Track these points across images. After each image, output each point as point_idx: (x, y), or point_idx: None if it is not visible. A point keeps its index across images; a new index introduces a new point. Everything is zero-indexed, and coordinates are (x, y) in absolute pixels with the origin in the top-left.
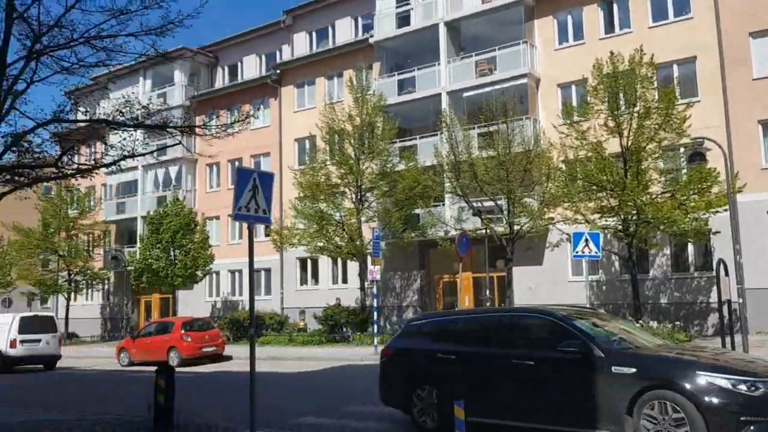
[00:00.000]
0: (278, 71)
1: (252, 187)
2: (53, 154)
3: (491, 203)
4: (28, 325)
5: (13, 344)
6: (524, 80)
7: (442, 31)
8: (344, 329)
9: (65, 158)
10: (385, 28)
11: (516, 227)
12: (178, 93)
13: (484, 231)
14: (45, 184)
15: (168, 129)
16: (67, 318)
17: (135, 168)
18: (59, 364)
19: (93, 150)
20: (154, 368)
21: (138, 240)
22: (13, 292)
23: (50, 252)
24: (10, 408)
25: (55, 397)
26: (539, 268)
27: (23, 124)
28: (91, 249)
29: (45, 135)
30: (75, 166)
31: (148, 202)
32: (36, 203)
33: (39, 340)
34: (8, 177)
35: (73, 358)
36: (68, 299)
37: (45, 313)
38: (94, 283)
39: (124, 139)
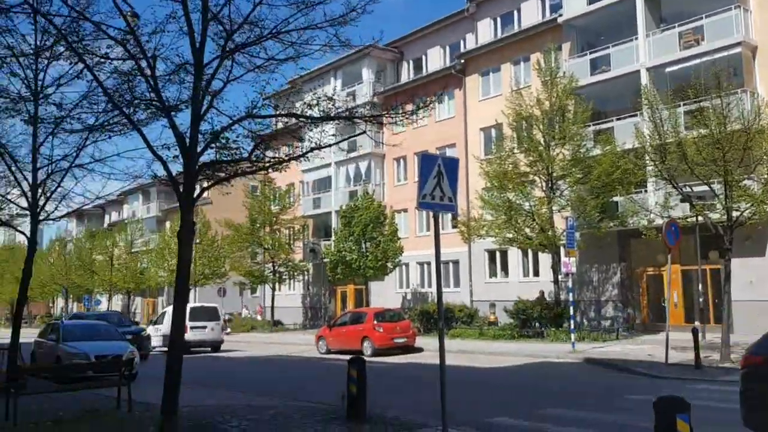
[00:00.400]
0: (462, 61)
1: (437, 174)
2: (248, 150)
3: (703, 187)
4: (197, 314)
5: (186, 330)
6: (738, 49)
7: (640, 3)
8: (537, 324)
9: (257, 152)
10: (574, 5)
11: (735, 213)
12: (366, 90)
13: (694, 219)
14: (251, 183)
15: (354, 120)
16: (273, 307)
17: (328, 165)
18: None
19: (290, 147)
20: (348, 357)
21: (332, 233)
22: (227, 283)
23: (257, 245)
24: (224, 391)
25: (258, 383)
26: (761, 260)
27: (220, 121)
28: (291, 242)
29: (240, 131)
30: (267, 159)
31: (341, 196)
32: (244, 201)
33: (205, 327)
34: (208, 172)
35: (277, 344)
36: (273, 289)
37: (210, 304)
38: (295, 274)
39: (316, 133)
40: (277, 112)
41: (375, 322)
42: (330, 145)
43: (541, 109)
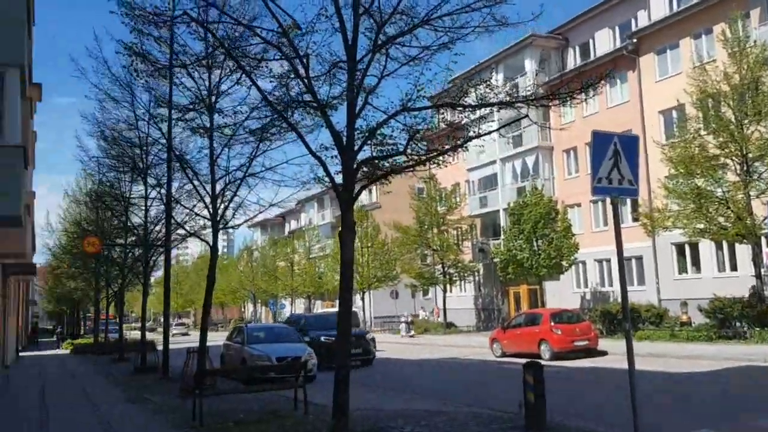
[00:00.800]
0: (635, 40)
1: (613, 154)
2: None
3: None
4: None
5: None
6: None
7: None
8: (738, 324)
9: (413, 145)
10: None
11: None
12: (529, 81)
13: None
14: (417, 185)
15: (516, 104)
16: (444, 308)
17: (493, 162)
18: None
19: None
20: (524, 360)
21: (501, 232)
22: (399, 285)
23: (425, 247)
24: (396, 394)
25: (431, 387)
26: None
27: (374, 117)
28: (460, 243)
29: (396, 126)
30: (423, 153)
31: (508, 193)
32: (410, 203)
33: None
34: (366, 170)
35: (451, 346)
36: (444, 291)
37: (326, 311)
38: (465, 275)
39: (475, 122)
40: (433, 104)
41: (552, 323)
42: (490, 132)
43: (729, 83)
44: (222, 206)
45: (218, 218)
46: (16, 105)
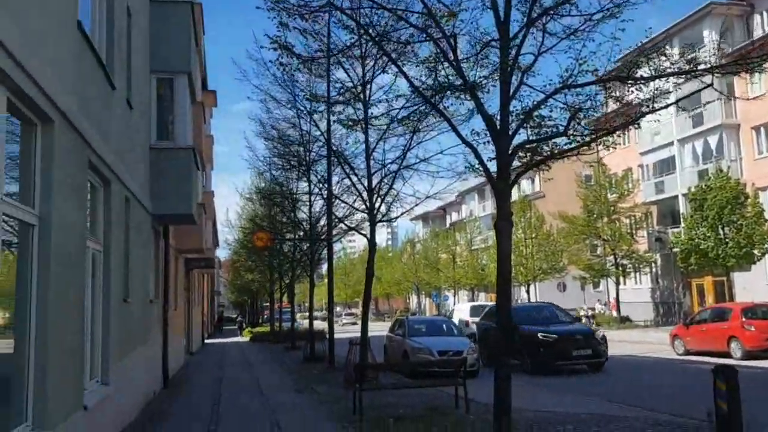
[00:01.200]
0: None
1: None
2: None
3: None
4: (476, 310)
5: (467, 324)
6: None
7: None
8: None
9: (575, 125)
10: None
11: None
12: (709, 52)
13: None
14: (584, 173)
15: (698, 74)
16: (618, 302)
17: (670, 144)
18: None
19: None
20: (711, 359)
21: (681, 219)
22: (566, 277)
23: (595, 237)
24: (562, 393)
25: (606, 387)
26: None
27: (530, 98)
28: (634, 232)
29: (554, 106)
30: (587, 133)
31: (687, 177)
32: (577, 191)
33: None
34: (522, 155)
35: (626, 342)
36: (617, 283)
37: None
38: (640, 266)
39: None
40: (599, 78)
41: (744, 319)
42: (666, 106)
43: None
44: (378, 200)
45: (374, 212)
46: (186, 110)
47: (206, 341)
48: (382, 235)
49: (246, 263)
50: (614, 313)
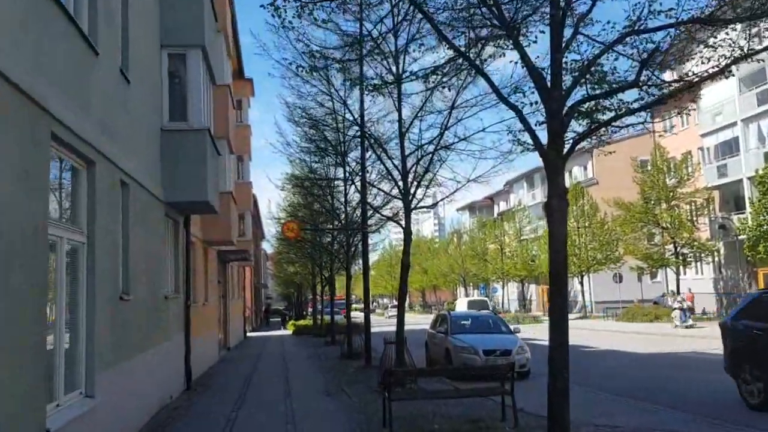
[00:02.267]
0: None
1: None
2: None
3: None
4: (472, 305)
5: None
6: None
7: None
8: None
9: (647, 74)
10: None
11: None
12: None
13: None
14: (640, 157)
15: None
16: (678, 293)
17: (733, 124)
18: None
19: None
20: None
21: (746, 204)
22: (623, 267)
23: (653, 225)
24: (622, 400)
25: (671, 391)
26: None
27: (587, 50)
28: (695, 219)
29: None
30: (664, 83)
31: (753, 160)
32: (633, 176)
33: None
34: (579, 117)
35: (687, 337)
36: (677, 273)
37: (480, 298)
38: (702, 255)
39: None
40: (677, 21)
41: None
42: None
43: None
44: (414, 184)
45: (410, 197)
46: (200, 87)
47: (249, 335)
48: (428, 226)
49: (288, 255)
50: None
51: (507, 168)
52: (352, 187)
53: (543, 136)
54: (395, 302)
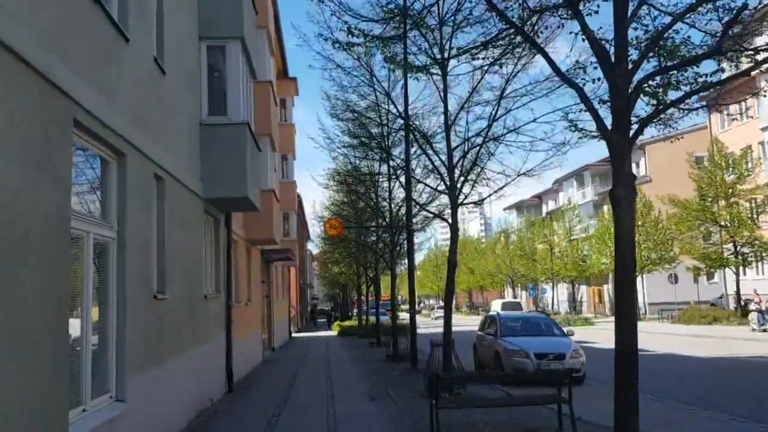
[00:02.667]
0: None
1: None
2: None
3: None
4: (506, 307)
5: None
6: None
7: None
8: None
9: (728, 42)
10: None
11: None
12: None
13: None
14: (696, 153)
15: None
16: (738, 294)
17: None
18: None
19: None
20: None
21: None
22: (678, 267)
23: (710, 223)
24: (688, 408)
25: (740, 397)
26: None
27: (659, 21)
28: (755, 217)
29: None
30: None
31: None
32: (689, 172)
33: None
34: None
35: (749, 340)
36: (736, 273)
37: (514, 300)
38: (764, 255)
39: None
40: None
41: None
42: None
43: None
44: (461, 179)
45: (456, 192)
46: (239, 80)
47: (294, 335)
48: (474, 226)
49: (332, 255)
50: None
51: (559, 161)
52: (397, 182)
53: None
54: (441, 303)
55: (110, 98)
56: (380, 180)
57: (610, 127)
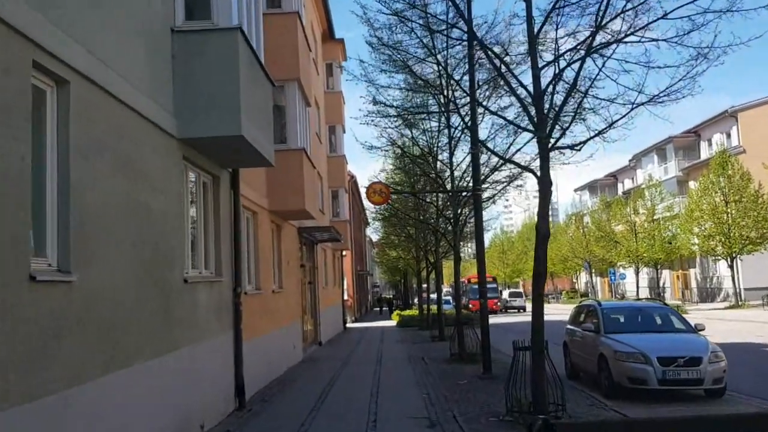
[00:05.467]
0: None
1: None
2: None
3: None
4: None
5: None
6: None
7: None
8: None
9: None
10: None
11: None
12: None
13: None
14: None
15: None
16: None
17: None
18: None
19: None
20: None
21: None
22: None
23: None
24: None
25: None
26: None
27: None
28: None
29: None
30: None
31: None
32: None
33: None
34: None
35: None
36: None
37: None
38: None
39: None
40: None
41: None
42: None
43: None
44: (551, 114)
45: (546, 131)
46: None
47: (349, 325)
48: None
49: (389, 239)
50: None
51: (690, 88)
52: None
53: None
54: (511, 289)
55: None
56: (439, 136)
57: None
